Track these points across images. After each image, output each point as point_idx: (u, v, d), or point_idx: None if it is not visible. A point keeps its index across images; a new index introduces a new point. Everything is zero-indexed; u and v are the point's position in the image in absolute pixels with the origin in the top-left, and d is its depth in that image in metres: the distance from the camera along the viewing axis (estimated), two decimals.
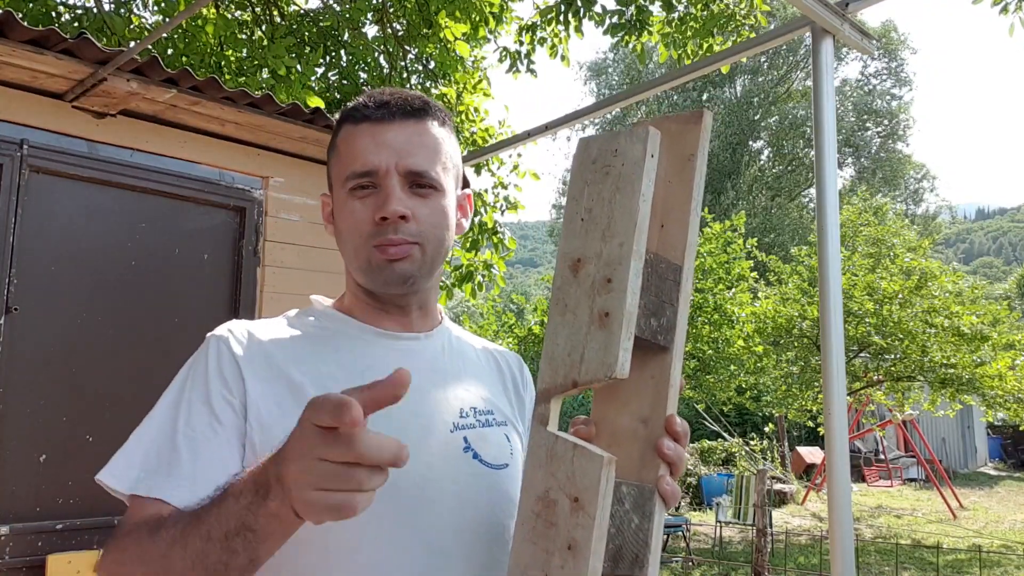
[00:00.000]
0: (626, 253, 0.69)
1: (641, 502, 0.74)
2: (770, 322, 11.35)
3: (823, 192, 2.10)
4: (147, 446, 0.89)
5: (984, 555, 8.47)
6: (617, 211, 0.71)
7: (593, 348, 0.69)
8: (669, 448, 0.74)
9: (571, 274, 0.72)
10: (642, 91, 2.97)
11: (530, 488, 0.71)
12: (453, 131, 1.06)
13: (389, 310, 1.02)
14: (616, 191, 0.71)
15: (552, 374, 0.71)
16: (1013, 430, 19.94)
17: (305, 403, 0.89)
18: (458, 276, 6.58)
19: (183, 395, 0.91)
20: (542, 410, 0.72)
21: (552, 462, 0.70)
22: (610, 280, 0.69)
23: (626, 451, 0.77)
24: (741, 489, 9.55)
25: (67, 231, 2.97)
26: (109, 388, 3.00)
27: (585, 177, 0.74)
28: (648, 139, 0.71)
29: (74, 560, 2.76)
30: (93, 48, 2.64)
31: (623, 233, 0.70)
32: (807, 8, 2.04)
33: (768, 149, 29.21)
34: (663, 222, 0.80)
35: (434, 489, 0.91)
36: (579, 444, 0.69)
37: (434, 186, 0.97)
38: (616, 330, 0.68)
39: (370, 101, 0.99)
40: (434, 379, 1.01)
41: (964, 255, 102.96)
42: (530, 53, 7.02)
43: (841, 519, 1.97)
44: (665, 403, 0.76)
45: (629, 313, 0.68)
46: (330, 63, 6.88)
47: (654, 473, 0.75)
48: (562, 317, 0.72)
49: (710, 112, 0.81)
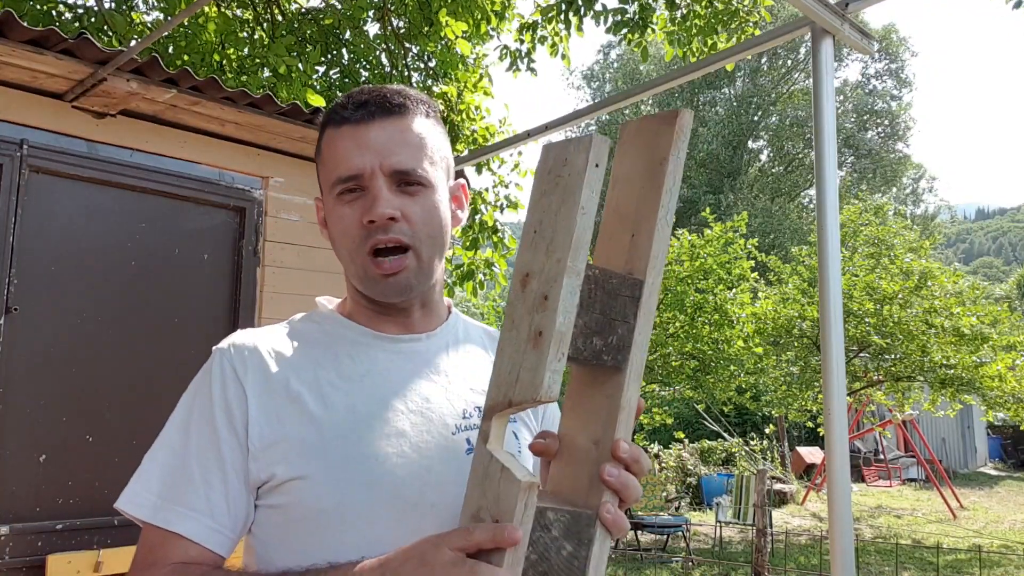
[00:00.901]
0: (561, 269, 0.66)
1: (576, 529, 0.71)
2: (770, 322, 11.35)
3: (823, 192, 2.10)
4: (161, 472, 0.91)
5: (984, 555, 8.46)
6: (560, 224, 0.67)
7: (526, 368, 0.67)
8: (611, 475, 0.72)
9: (520, 289, 0.69)
10: (641, 92, 2.96)
11: (467, 505, 0.71)
12: (439, 122, 1.03)
13: (389, 313, 1.02)
14: (562, 203, 0.68)
15: (496, 391, 0.70)
16: (1013, 430, 19.93)
17: (304, 412, 0.91)
18: (459, 275, 6.58)
19: (191, 417, 0.93)
20: (485, 427, 0.71)
21: (485, 481, 0.69)
22: (547, 297, 0.67)
23: (576, 472, 0.75)
24: (741, 489, 9.55)
25: (67, 231, 2.97)
26: (109, 388, 3.00)
27: (541, 187, 0.71)
28: (592, 147, 0.67)
29: (74, 560, 2.76)
30: (93, 48, 2.64)
31: (562, 248, 0.67)
32: (807, 8, 2.04)
33: (768, 149, 29.20)
34: (634, 231, 0.76)
35: (435, 493, 0.91)
36: (506, 466, 0.67)
37: (422, 183, 0.96)
38: (546, 351, 0.65)
39: (349, 103, 0.98)
40: (436, 380, 1.00)
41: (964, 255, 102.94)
42: (531, 52, 7.02)
43: (841, 519, 1.97)
44: (615, 425, 0.73)
45: (560, 333, 0.66)
46: (331, 61, 6.89)
47: (598, 498, 0.72)
48: (509, 333, 0.69)
49: (689, 111, 0.77)
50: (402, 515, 0.88)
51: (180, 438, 0.92)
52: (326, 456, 0.88)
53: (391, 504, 0.88)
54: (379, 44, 6.93)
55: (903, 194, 30.87)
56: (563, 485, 0.76)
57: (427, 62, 7.07)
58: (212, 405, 0.91)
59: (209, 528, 0.88)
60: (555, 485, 0.75)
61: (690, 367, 11.66)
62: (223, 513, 0.89)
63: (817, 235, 2.10)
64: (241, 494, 0.90)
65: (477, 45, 7.20)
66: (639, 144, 0.77)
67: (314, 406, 0.91)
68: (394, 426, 0.93)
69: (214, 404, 0.91)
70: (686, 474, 12.63)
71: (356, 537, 0.86)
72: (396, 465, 0.90)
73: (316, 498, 0.87)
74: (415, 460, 0.91)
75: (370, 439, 0.90)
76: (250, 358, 0.95)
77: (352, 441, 0.90)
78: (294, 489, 0.88)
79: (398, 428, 0.93)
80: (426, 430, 0.94)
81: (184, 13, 2.82)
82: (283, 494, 0.89)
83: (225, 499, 0.89)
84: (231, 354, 0.95)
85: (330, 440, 0.89)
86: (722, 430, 14.55)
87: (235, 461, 0.90)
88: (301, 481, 0.88)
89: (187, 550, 0.87)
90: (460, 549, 0.68)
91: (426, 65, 7.07)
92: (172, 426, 0.94)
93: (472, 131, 6.60)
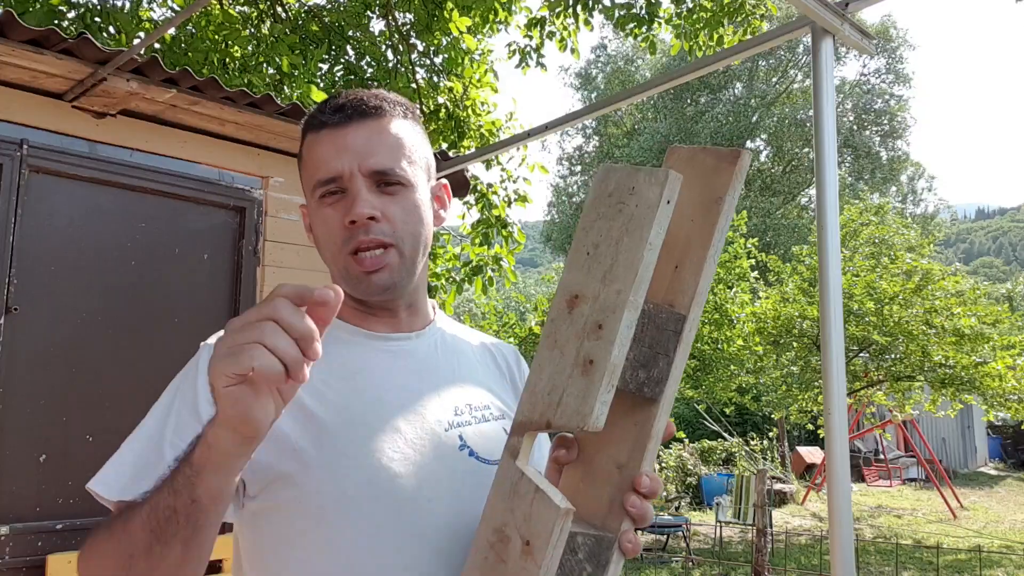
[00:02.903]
0: (622, 302, 0.66)
1: (597, 552, 0.72)
2: (770, 322, 11.35)
3: (823, 192, 2.10)
4: (136, 455, 0.90)
5: (984, 555, 8.46)
6: (622, 254, 0.67)
7: (572, 394, 0.67)
8: (635, 506, 0.73)
9: (566, 309, 0.69)
10: (640, 92, 2.96)
11: (489, 517, 0.71)
12: (418, 123, 1.05)
13: (377, 313, 1.02)
14: (625, 232, 0.68)
15: (531, 408, 0.70)
16: (1013, 430, 19.94)
17: (298, 410, 0.91)
18: (468, 271, 6.57)
19: (172, 405, 0.92)
20: (514, 443, 0.71)
21: (513, 498, 0.69)
22: (601, 327, 0.66)
23: (596, 493, 0.76)
24: (741, 489, 9.54)
25: (67, 231, 2.97)
26: (109, 388, 3.00)
27: (599, 209, 0.70)
28: (667, 183, 0.67)
29: (74, 560, 2.76)
30: (93, 48, 2.64)
31: (623, 280, 0.66)
32: (807, 8, 2.04)
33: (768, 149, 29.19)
34: (678, 263, 0.76)
35: (430, 489, 0.91)
36: (540, 488, 0.67)
37: (401, 182, 0.97)
38: (597, 381, 0.65)
39: (327, 107, 0.99)
40: (427, 378, 1.01)
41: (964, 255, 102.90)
42: (539, 47, 7.04)
43: (841, 519, 1.97)
44: (643, 455, 0.74)
45: (614, 365, 0.66)
46: (335, 58, 6.89)
47: (618, 523, 0.73)
48: (550, 352, 0.69)
49: (748, 153, 0.77)
50: (399, 511, 0.89)
51: (158, 424, 0.91)
52: (321, 454, 0.89)
53: (388, 501, 0.88)
54: (384, 40, 6.94)
55: (902, 193, 30.85)
56: (580, 503, 0.76)
57: (433, 58, 7.08)
58: (197, 394, 0.91)
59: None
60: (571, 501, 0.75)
61: (690, 367, 11.68)
62: None
63: (817, 235, 2.10)
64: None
65: (483, 39, 7.21)
66: (692, 175, 0.76)
67: (309, 403, 0.92)
68: (388, 423, 0.93)
69: (198, 393, 0.91)
70: (686, 474, 12.64)
71: (354, 533, 0.87)
72: (392, 462, 0.90)
73: (313, 495, 0.87)
74: (410, 456, 0.92)
75: (365, 436, 0.91)
76: None
77: (347, 439, 0.90)
78: (290, 486, 0.88)
79: (392, 425, 0.93)
80: (419, 427, 0.95)
81: (184, 13, 2.82)
82: (278, 491, 0.89)
83: None
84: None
85: (325, 438, 0.90)
86: (722, 430, 14.55)
87: None
88: (297, 478, 0.88)
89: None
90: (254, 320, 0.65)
91: (432, 62, 7.08)
92: (152, 416, 0.93)
93: (479, 126, 6.61)
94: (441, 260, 6.71)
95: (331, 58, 6.86)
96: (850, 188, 26.57)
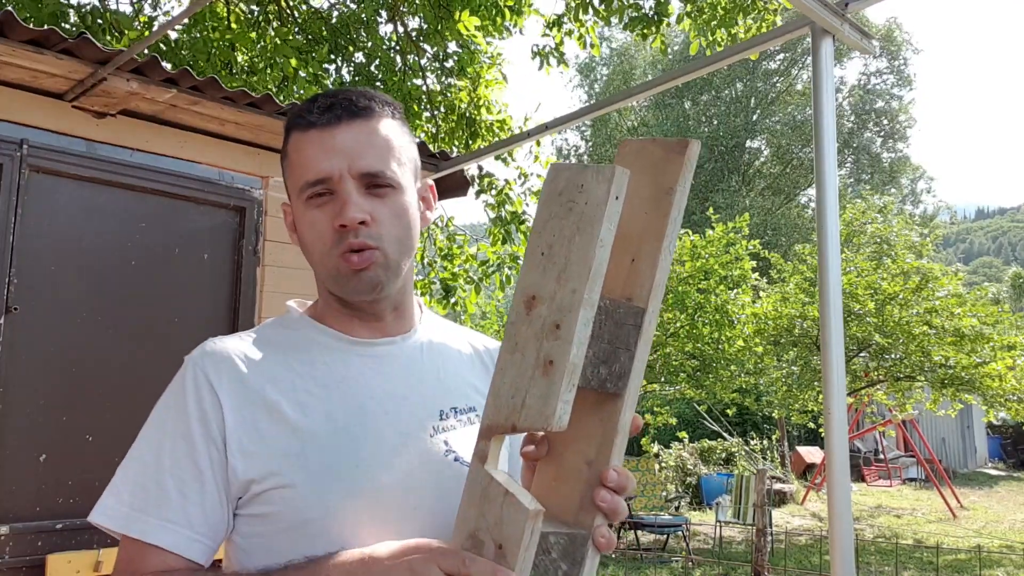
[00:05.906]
0: (577, 301, 0.66)
1: (571, 550, 0.72)
2: (771, 322, 11.34)
3: (823, 192, 2.10)
4: (133, 483, 0.90)
5: (984, 555, 8.46)
6: (575, 253, 0.67)
7: (534, 395, 0.67)
8: (605, 501, 0.73)
9: (525, 311, 0.69)
10: (640, 92, 2.96)
11: (462, 524, 0.71)
12: (405, 123, 1.04)
13: (362, 316, 1.01)
14: (577, 231, 0.68)
15: (495, 412, 0.70)
16: (1013, 430, 19.94)
17: (281, 421, 0.91)
18: (484, 271, 6.56)
19: (165, 429, 0.92)
20: (482, 447, 0.71)
21: (484, 502, 0.69)
22: (559, 327, 0.66)
23: (568, 490, 0.76)
24: (741, 489, 9.54)
25: (67, 231, 2.97)
26: (109, 388, 3.00)
27: (551, 209, 0.70)
28: (614, 180, 0.67)
29: (74, 560, 2.76)
30: (93, 48, 2.64)
31: (577, 278, 0.66)
32: (807, 8, 2.04)
33: (768, 149, 29.18)
34: (634, 256, 0.76)
35: (416, 496, 0.91)
36: (509, 491, 0.68)
37: (391, 184, 0.96)
38: (558, 381, 0.65)
39: (315, 106, 0.97)
40: (411, 383, 1.00)
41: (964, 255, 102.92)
42: (559, 46, 7.05)
43: (841, 519, 1.97)
44: (611, 449, 0.74)
45: (574, 364, 0.66)
46: (342, 60, 6.90)
47: (590, 519, 0.74)
48: (511, 355, 0.69)
49: (697, 142, 0.77)
50: (385, 520, 0.89)
51: (153, 450, 0.91)
52: (307, 465, 0.89)
53: (374, 510, 0.89)
54: (391, 43, 6.95)
55: (902, 194, 30.83)
56: (552, 501, 0.76)
57: (443, 62, 7.09)
58: (188, 416, 0.91)
59: (188, 538, 0.88)
60: (543, 499, 0.75)
61: (690, 367, 11.67)
62: (201, 523, 0.89)
63: (817, 235, 2.10)
64: (219, 504, 0.90)
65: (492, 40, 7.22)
66: (642, 167, 0.76)
67: (292, 414, 0.91)
68: (372, 431, 0.93)
69: (190, 416, 0.91)
70: (686, 474, 12.64)
71: (341, 544, 0.86)
72: (377, 471, 0.90)
73: (299, 507, 0.87)
74: (395, 465, 0.92)
75: (350, 446, 0.91)
76: (224, 367, 0.94)
77: (332, 449, 0.90)
78: (276, 498, 0.88)
79: (377, 433, 0.93)
80: (404, 433, 0.94)
81: (184, 13, 2.82)
82: (265, 503, 0.89)
83: (202, 509, 0.89)
84: (204, 363, 0.94)
85: (310, 448, 0.90)
86: (722, 430, 14.54)
87: (213, 471, 0.90)
88: (284, 490, 0.88)
89: (165, 560, 0.87)
90: (451, 574, 0.69)
91: (442, 65, 7.09)
92: (144, 439, 0.93)
93: (490, 123, 6.62)
94: (459, 260, 6.71)
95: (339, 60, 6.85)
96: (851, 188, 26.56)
